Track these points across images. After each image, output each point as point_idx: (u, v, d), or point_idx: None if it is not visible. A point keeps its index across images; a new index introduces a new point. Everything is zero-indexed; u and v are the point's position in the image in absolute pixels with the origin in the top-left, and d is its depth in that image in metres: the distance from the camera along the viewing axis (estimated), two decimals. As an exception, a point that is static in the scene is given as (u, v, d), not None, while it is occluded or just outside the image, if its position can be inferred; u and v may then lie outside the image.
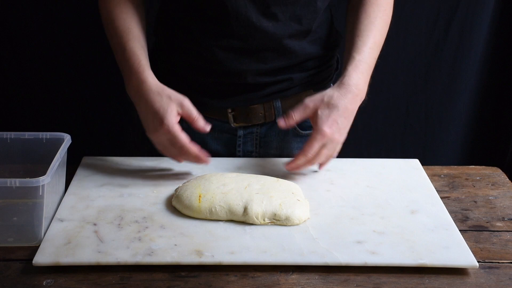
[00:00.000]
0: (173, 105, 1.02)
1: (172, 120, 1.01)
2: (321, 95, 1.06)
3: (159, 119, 1.01)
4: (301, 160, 1.05)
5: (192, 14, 1.12)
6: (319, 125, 1.03)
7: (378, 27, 1.13)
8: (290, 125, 1.06)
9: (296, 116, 1.05)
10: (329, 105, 1.04)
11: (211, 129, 1.20)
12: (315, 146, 1.03)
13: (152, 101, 1.02)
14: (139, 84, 1.04)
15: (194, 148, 1.04)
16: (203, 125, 1.04)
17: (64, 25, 1.68)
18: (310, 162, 1.05)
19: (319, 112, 1.04)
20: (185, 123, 1.05)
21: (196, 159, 1.05)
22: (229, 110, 1.19)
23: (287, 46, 1.12)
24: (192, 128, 1.19)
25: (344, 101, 1.05)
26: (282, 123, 1.06)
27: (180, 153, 1.04)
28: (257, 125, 1.21)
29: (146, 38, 1.13)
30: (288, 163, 1.07)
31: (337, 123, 1.04)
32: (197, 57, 1.14)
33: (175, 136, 1.02)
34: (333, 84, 1.10)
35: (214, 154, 1.22)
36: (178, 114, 1.03)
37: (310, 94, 1.20)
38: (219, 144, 1.22)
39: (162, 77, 1.20)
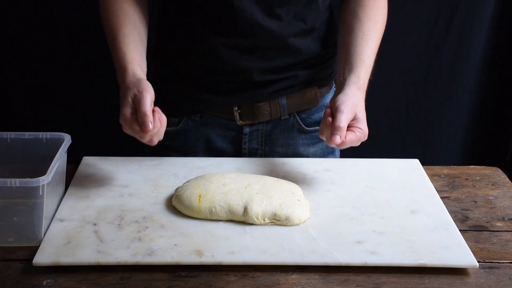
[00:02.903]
0: (130, 94, 0.99)
1: (125, 110, 0.97)
2: (348, 98, 1.02)
3: (121, 101, 1.00)
4: (340, 144, 0.99)
5: (197, 12, 1.12)
6: (365, 126, 1.02)
7: (379, 31, 1.14)
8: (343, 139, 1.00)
9: (344, 124, 0.99)
10: (361, 107, 1.04)
11: (217, 126, 1.21)
12: (357, 142, 1.01)
13: (121, 93, 1.02)
14: (120, 80, 1.04)
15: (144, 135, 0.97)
16: (144, 124, 0.95)
17: (64, 25, 1.68)
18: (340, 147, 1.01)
19: (359, 114, 1.02)
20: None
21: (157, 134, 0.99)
22: (235, 108, 1.19)
23: (292, 45, 1.13)
24: (197, 127, 1.20)
25: (363, 102, 1.06)
26: (338, 139, 0.98)
27: (142, 134, 0.97)
28: (263, 123, 1.21)
29: (148, 34, 1.13)
30: (329, 136, 0.99)
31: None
32: (203, 55, 1.15)
33: (130, 125, 0.97)
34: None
35: (220, 152, 1.23)
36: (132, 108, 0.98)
37: (315, 91, 1.21)
38: (225, 142, 1.23)
39: (166, 76, 1.20)
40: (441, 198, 1.05)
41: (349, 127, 1.01)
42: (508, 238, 0.96)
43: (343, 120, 0.99)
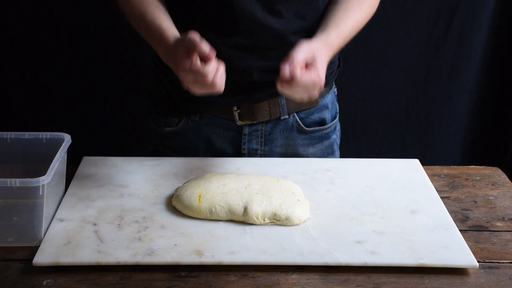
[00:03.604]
0: (179, 45, 0.98)
1: (181, 62, 0.95)
2: (311, 42, 1.01)
3: (175, 66, 0.99)
4: (287, 81, 0.97)
5: (197, 11, 1.12)
6: (321, 70, 0.98)
7: (364, 9, 1.13)
8: (293, 74, 0.96)
9: (300, 55, 0.97)
10: (322, 55, 1.01)
11: (217, 127, 1.20)
12: (307, 80, 0.97)
13: (170, 57, 1.02)
14: (165, 48, 1.04)
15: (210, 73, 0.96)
16: (207, 50, 0.95)
17: (64, 25, 1.68)
18: (292, 86, 0.98)
19: (317, 55, 0.99)
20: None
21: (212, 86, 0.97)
22: (235, 108, 1.19)
23: (292, 43, 1.13)
24: (197, 127, 1.19)
25: (326, 58, 1.03)
26: (286, 69, 0.96)
27: (201, 82, 0.97)
28: (262, 123, 1.21)
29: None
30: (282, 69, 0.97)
31: (324, 75, 1.01)
32: None
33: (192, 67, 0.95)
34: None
35: (220, 152, 1.23)
36: (186, 51, 0.97)
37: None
38: (225, 142, 1.23)
39: (165, 76, 1.20)
40: (441, 198, 1.05)
41: (305, 67, 0.97)
42: (508, 238, 0.96)
43: (298, 53, 0.96)
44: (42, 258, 0.86)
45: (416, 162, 1.17)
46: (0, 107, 1.78)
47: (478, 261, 0.88)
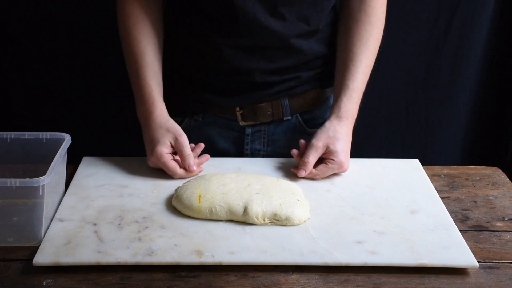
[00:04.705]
0: (167, 137, 1.08)
1: (163, 150, 1.07)
2: (324, 131, 1.10)
3: (152, 148, 1.08)
4: (309, 175, 1.09)
5: (199, 13, 1.12)
6: (338, 158, 1.08)
7: (370, 49, 1.15)
8: (310, 171, 1.08)
9: (312, 159, 1.08)
10: (338, 139, 1.09)
11: (219, 127, 1.21)
12: (330, 173, 1.09)
13: (152, 131, 1.10)
14: (147, 114, 1.11)
15: (181, 173, 1.08)
16: (190, 164, 1.08)
17: (64, 25, 1.68)
18: (312, 179, 1.10)
19: (332, 147, 1.08)
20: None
21: (189, 175, 1.09)
22: (237, 109, 1.19)
23: (295, 45, 1.13)
24: (199, 127, 1.20)
25: (346, 130, 1.11)
26: (302, 173, 1.08)
27: (173, 176, 1.09)
28: (265, 123, 1.22)
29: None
30: (297, 169, 1.09)
31: (348, 152, 1.10)
32: (206, 56, 1.15)
33: (165, 164, 1.07)
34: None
35: (222, 152, 1.23)
36: (171, 146, 1.09)
37: (317, 92, 1.21)
38: (227, 143, 1.23)
39: (168, 77, 1.20)
40: (441, 198, 1.05)
41: (323, 159, 1.09)
42: (508, 238, 0.96)
43: (310, 155, 1.08)
44: (42, 258, 0.86)
45: (416, 162, 1.17)
46: (0, 107, 1.78)
47: (478, 261, 0.88)
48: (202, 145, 1.14)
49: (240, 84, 1.17)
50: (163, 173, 1.10)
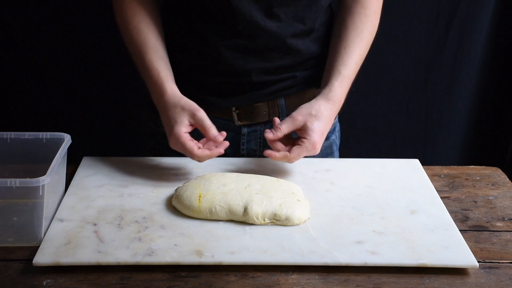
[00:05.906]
0: (184, 116, 1.05)
1: (181, 129, 1.04)
2: (308, 108, 1.07)
3: (170, 128, 1.05)
4: (282, 159, 1.06)
5: (197, 13, 1.12)
6: (312, 137, 1.05)
7: (364, 40, 1.15)
8: (278, 137, 1.06)
9: (285, 128, 1.06)
10: (318, 118, 1.06)
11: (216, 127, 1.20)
12: (303, 154, 1.06)
13: (168, 112, 1.07)
14: (159, 96, 1.09)
15: (203, 152, 1.05)
16: (216, 135, 1.05)
17: (64, 25, 1.68)
18: (288, 162, 1.07)
19: (309, 124, 1.06)
20: (191, 133, 1.07)
21: (209, 157, 1.06)
22: (234, 109, 1.19)
23: (291, 45, 1.13)
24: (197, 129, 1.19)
25: (329, 113, 1.08)
26: (269, 134, 1.06)
27: (192, 157, 1.06)
28: (261, 123, 1.21)
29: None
30: (268, 151, 1.06)
31: (324, 134, 1.08)
32: (202, 56, 1.15)
33: (183, 145, 1.04)
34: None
35: None
36: (190, 124, 1.06)
37: (313, 92, 1.21)
38: None
39: None
40: (441, 198, 1.05)
41: (296, 139, 1.07)
42: (508, 238, 0.96)
43: (284, 124, 1.05)
44: (42, 258, 0.86)
45: (416, 162, 1.17)
46: (0, 107, 1.78)
47: (478, 261, 0.88)
48: (224, 133, 1.09)
49: (237, 85, 1.17)
50: (163, 173, 1.11)
